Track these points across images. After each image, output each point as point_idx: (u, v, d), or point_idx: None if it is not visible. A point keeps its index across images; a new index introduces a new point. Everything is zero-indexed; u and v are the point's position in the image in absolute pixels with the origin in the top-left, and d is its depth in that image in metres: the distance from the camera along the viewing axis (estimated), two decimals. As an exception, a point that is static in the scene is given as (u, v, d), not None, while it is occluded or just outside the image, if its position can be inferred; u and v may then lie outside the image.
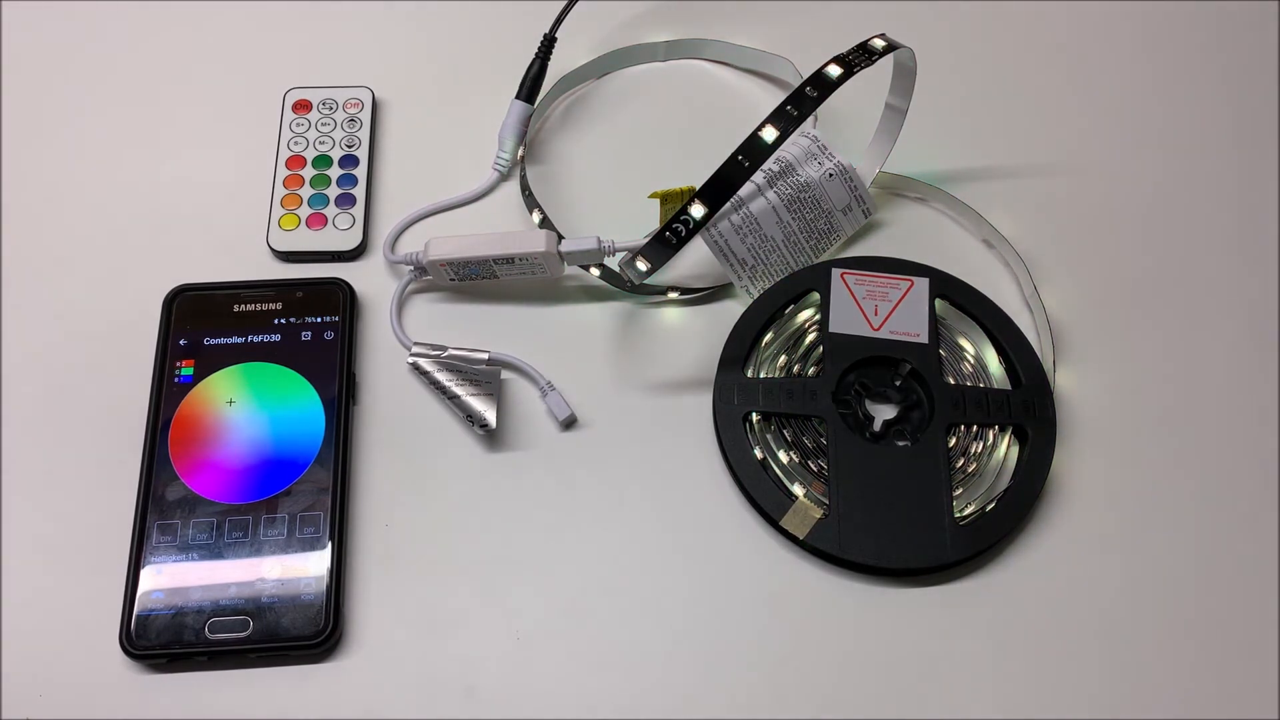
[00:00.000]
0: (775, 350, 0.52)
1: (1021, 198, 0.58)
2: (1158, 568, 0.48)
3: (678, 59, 0.63)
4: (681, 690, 0.45)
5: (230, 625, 0.44)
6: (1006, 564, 0.48)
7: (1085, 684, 0.45)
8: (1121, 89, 0.63)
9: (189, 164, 0.58)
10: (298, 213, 0.55)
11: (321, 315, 0.51)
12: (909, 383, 0.51)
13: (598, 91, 0.62)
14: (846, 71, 0.48)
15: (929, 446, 0.48)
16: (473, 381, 0.50)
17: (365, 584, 0.47)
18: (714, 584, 0.47)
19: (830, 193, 0.53)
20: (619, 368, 0.52)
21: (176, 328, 0.51)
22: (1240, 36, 0.65)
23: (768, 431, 0.50)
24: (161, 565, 0.45)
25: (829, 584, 0.47)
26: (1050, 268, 0.56)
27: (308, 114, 0.59)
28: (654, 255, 0.48)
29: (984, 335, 0.52)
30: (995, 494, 0.48)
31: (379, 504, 0.48)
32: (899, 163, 0.58)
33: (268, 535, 0.46)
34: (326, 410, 0.49)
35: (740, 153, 0.47)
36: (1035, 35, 0.65)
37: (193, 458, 0.47)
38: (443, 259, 0.51)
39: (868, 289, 0.52)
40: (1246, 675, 0.46)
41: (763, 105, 0.61)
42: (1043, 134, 0.61)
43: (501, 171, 0.57)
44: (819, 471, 0.48)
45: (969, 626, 0.46)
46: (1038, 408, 0.49)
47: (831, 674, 0.45)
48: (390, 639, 0.45)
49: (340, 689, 0.44)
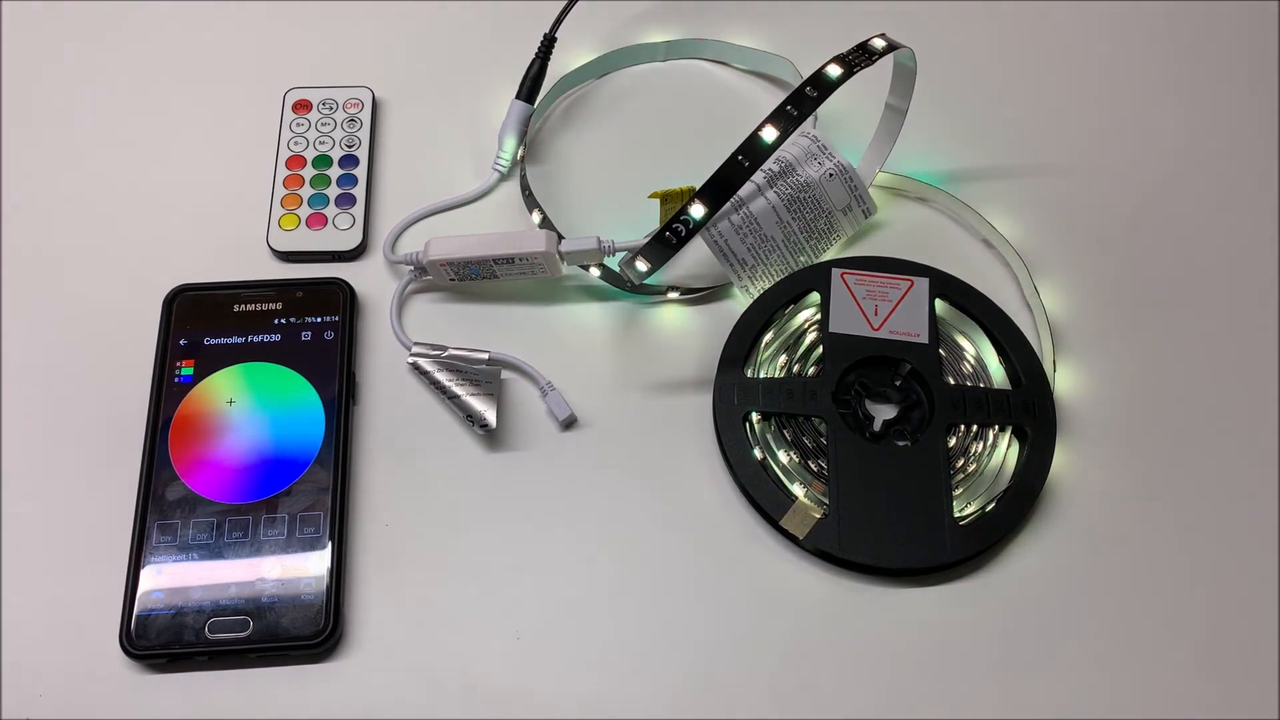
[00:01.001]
0: (775, 350, 0.52)
1: (1021, 198, 0.58)
2: (1157, 568, 0.48)
3: (678, 59, 0.63)
4: (681, 690, 0.45)
5: (230, 625, 0.44)
6: (1006, 564, 0.48)
7: (1085, 684, 0.45)
8: (1122, 89, 0.63)
9: (189, 164, 0.58)
10: (298, 213, 0.55)
11: (321, 315, 0.51)
12: (909, 383, 0.51)
13: (598, 91, 0.62)
14: (846, 71, 0.48)
15: (929, 446, 0.48)
16: (473, 381, 0.50)
17: (365, 584, 0.47)
18: (714, 584, 0.47)
19: (830, 193, 0.53)
20: (619, 368, 0.52)
21: (176, 328, 0.51)
22: (1241, 36, 0.65)
23: (768, 431, 0.50)
24: (161, 565, 0.45)
25: (829, 584, 0.47)
26: (1050, 268, 0.56)
27: (308, 114, 0.59)
28: (654, 255, 0.48)
29: (984, 335, 0.52)
30: (995, 494, 0.48)
31: (379, 504, 0.48)
32: (899, 163, 0.58)
33: (268, 535, 0.46)
34: (326, 410, 0.49)
35: (740, 153, 0.47)
36: (1036, 35, 0.65)
37: (193, 458, 0.47)
38: (443, 259, 0.51)
39: (868, 289, 0.52)
40: (1246, 675, 0.46)
41: (763, 105, 0.61)
42: (1043, 134, 0.61)
43: (501, 171, 0.57)
44: (819, 471, 0.48)
45: (969, 626, 0.46)
46: (1038, 408, 0.49)
47: (831, 674, 0.45)
48: (390, 639, 0.45)
49: (340, 689, 0.44)
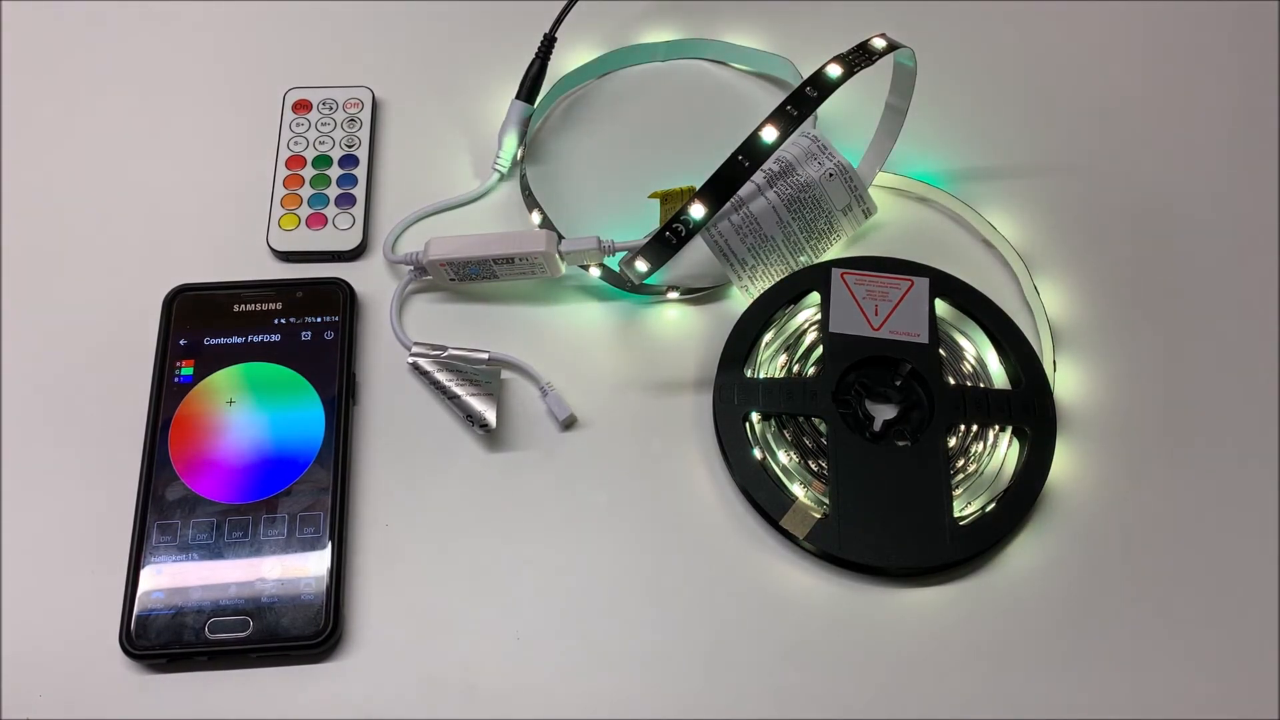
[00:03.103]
0: (775, 350, 0.52)
1: (1021, 198, 0.58)
2: (1157, 568, 0.48)
3: (678, 59, 0.63)
4: (681, 690, 0.45)
5: (230, 625, 0.44)
6: (1006, 564, 0.48)
7: (1085, 684, 0.45)
8: (1121, 89, 0.63)
9: (189, 164, 0.58)
10: (298, 213, 0.55)
11: (321, 315, 0.51)
12: (909, 383, 0.51)
13: (598, 91, 0.62)
14: (846, 71, 0.48)
15: (929, 446, 0.48)
16: (473, 381, 0.50)
17: (365, 584, 0.47)
18: (714, 584, 0.47)
19: (830, 193, 0.53)
20: (619, 368, 0.52)
21: (176, 328, 0.51)
22: (1240, 36, 0.65)
23: (768, 431, 0.50)
24: (161, 565, 0.45)
25: (829, 584, 0.47)
26: (1050, 268, 0.56)
27: (308, 114, 0.59)
28: (654, 255, 0.48)
29: (984, 335, 0.52)
30: (995, 494, 0.48)
31: (379, 504, 0.48)
32: (899, 163, 0.58)
33: (268, 535, 0.46)
34: (326, 410, 0.49)
35: (740, 153, 0.47)
36: (1036, 35, 0.65)
37: (193, 458, 0.47)
38: (443, 259, 0.51)
39: (868, 289, 0.52)
40: (1247, 675, 0.46)
41: (763, 105, 0.61)
42: (1042, 134, 0.61)
43: (501, 171, 0.57)
44: (819, 471, 0.48)
45: (969, 626, 0.46)
46: (1038, 408, 0.49)
47: (831, 674, 0.45)
48: (390, 639, 0.45)
49: (340, 689, 0.44)
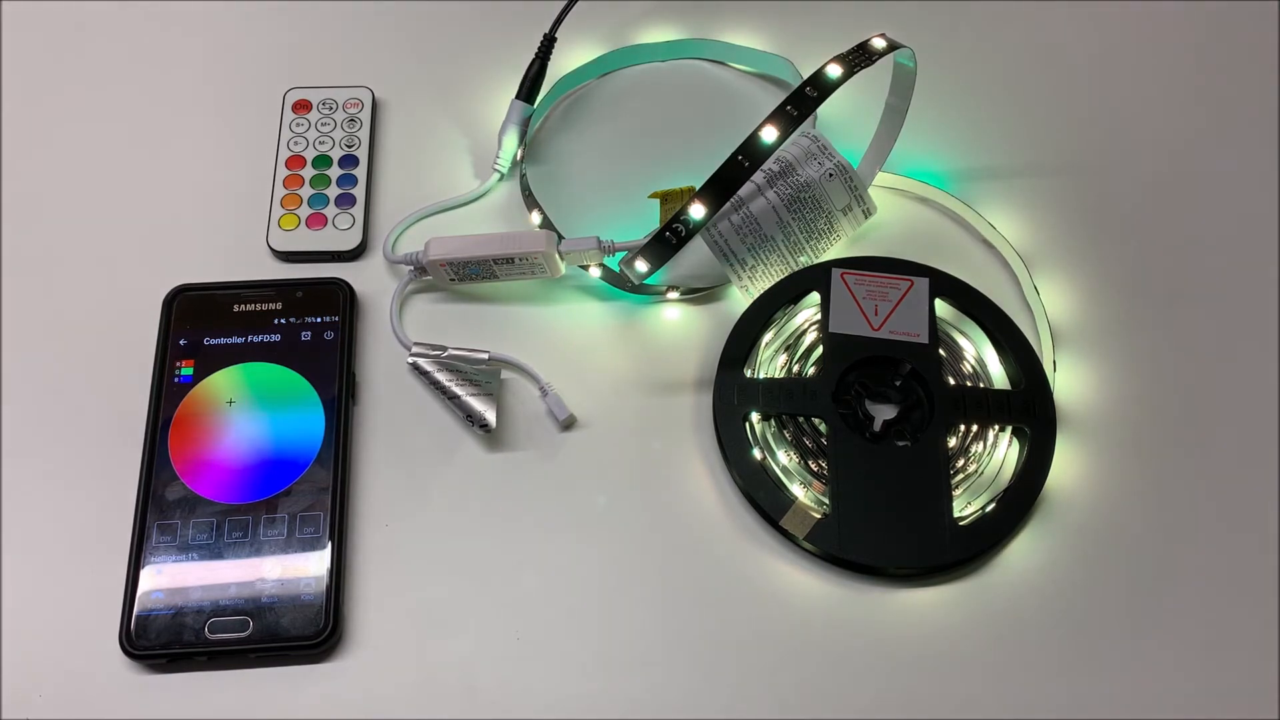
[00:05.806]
0: (775, 350, 0.52)
1: (1021, 198, 0.58)
2: (1157, 568, 0.48)
3: (678, 59, 0.63)
4: (681, 690, 0.45)
5: (230, 625, 0.44)
6: (1006, 564, 0.48)
7: (1085, 684, 0.45)
8: (1121, 89, 0.63)
9: (189, 164, 0.58)
10: (298, 213, 0.55)
11: (321, 315, 0.51)
12: (909, 383, 0.51)
13: (598, 91, 0.62)
14: (846, 71, 0.48)
15: (929, 446, 0.48)
16: (473, 381, 0.50)
17: (365, 584, 0.47)
18: (714, 584, 0.47)
19: (830, 193, 0.53)
20: (619, 368, 0.52)
21: (176, 328, 0.51)
22: (1240, 36, 0.65)
23: (768, 431, 0.50)
24: (161, 565, 0.45)
25: (829, 584, 0.47)
26: (1050, 268, 0.56)
27: (308, 114, 0.59)
28: (654, 255, 0.48)
29: (984, 335, 0.52)
30: (995, 494, 0.48)
31: (379, 504, 0.48)
32: (899, 163, 0.58)
33: (268, 535, 0.46)
34: (326, 410, 0.49)
35: (740, 153, 0.47)
36: (1036, 35, 0.65)
37: (193, 458, 0.47)
38: (443, 259, 0.51)
39: (868, 289, 0.52)
40: (1247, 675, 0.46)
41: (763, 105, 0.61)
42: (1042, 134, 0.61)
43: (501, 172, 0.57)
44: (819, 471, 0.48)
45: (969, 626, 0.46)
46: (1038, 408, 0.49)
47: (831, 674, 0.45)
48: (390, 639, 0.45)
49: (340, 689, 0.44)
